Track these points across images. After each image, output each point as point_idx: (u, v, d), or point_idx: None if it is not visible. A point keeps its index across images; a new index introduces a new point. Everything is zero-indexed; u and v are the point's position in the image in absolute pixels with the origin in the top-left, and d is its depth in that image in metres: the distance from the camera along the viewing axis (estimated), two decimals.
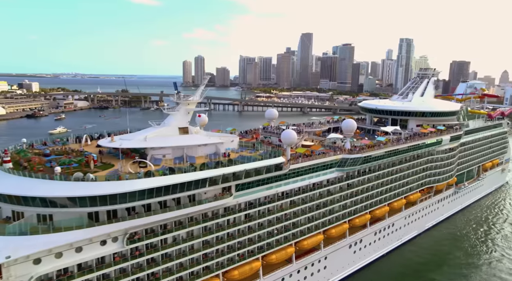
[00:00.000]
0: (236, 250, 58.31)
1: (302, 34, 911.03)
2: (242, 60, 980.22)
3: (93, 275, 44.44)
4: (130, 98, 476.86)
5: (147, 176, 46.56)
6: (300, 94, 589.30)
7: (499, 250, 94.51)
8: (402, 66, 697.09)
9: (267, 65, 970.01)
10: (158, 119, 65.18)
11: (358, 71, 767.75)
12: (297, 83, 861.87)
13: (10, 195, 42.75)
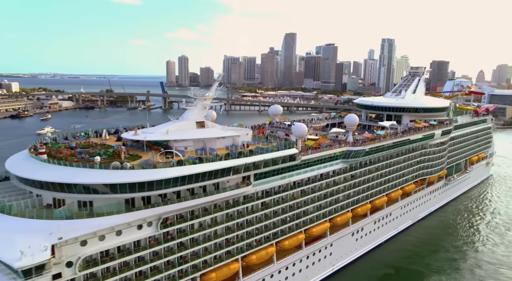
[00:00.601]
0: (254, 236, 62.22)
1: (286, 34, 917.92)
2: (227, 60, 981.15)
3: (131, 257, 47.76)
4: (116, 98, 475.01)
5: (179, 165, 50.11)
6: (286, 94, 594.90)
7: (485, 237, 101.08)
8: (384, 65, 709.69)
9: (251, 65, 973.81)
10: (145, 118, 67.69)
11: (342, 70, 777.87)
12: (281, 83, 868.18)
13: (54, 183, 45.77)
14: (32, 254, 37.88)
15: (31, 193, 50.23)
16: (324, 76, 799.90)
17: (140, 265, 48.70)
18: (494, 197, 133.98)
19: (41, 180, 45.87)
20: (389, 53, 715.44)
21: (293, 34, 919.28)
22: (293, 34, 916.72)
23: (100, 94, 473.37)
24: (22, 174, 47.86)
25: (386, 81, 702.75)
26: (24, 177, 47.48)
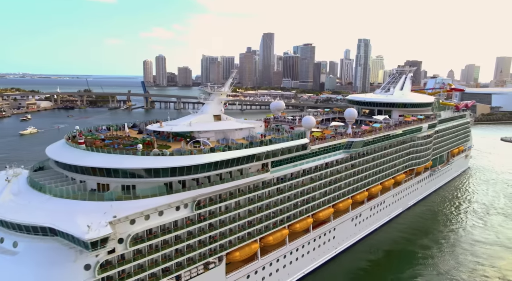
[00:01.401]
0: (270, 218, 67.92)
1: (264, 34, 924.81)
2: (205, 60, 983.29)
3: (170, 236, 52.68)
4: (96, 98, 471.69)
5: (211, 152, 55.41)
6: (265, 93, 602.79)
7: (467, 220, 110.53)
8: (361, 65, 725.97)
9: (229, 64, 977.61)
10: (128, 118, 71.91)
11: (319, 70, 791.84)
12: (259, 82, 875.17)
13: (101, 168, 50.40)
14: (97, 229, 42.49)
15: (74, 179, 54.45)
16: (302, 75, 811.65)
17: (177, 243, 53.63)
18: (473, 186, 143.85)
19: (90, 166, 50.37)
20: (365, 53, 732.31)
21: (271, 34, 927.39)
22: (271, 34, 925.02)
23: (79, 94, 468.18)
24: (70, 161, 52.06)
25: (362, 80, 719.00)
26: (71, 163, 51.72)
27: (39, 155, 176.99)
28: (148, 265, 50.69)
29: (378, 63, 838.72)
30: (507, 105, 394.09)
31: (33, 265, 44.22)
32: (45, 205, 47.89)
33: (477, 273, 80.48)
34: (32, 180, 53.84)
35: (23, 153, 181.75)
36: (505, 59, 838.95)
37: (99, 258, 45.36)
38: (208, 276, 58.35)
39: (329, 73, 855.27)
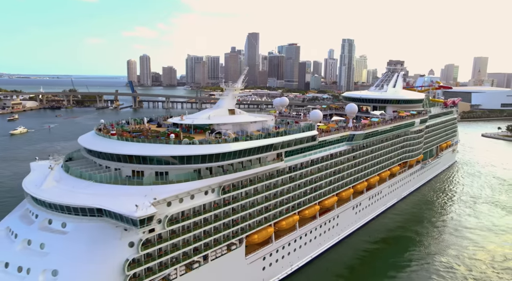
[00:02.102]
0: (284, 204, 73.22)
1: (249, 33, 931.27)
2: (190, 59, 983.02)
3: (200, 218, 57.46)
4: (82, 97, 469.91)
5: (235, 141, 60.47)
6: (252, 92, 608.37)
7: (458, 209, 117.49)
8: (345, 64, 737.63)
9: (215, 64, 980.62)
10: (116, 117, 75.42)
11: (304, 69, 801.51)
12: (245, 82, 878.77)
13: (137, 156, 54.96)
14: (144, 208, 47.13)
15: (108, 167, 58.82)
16: (288, 75, 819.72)
17: (206, 225, 58.47)
18: (460, 179, 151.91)
19: (128, 154, 54.85)
20: (349, 53, 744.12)
21: (256, 33, 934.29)
22: (256, 34, 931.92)
23: (65, 94, 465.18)
24: (107, 150, 56.36)
25: (347, 79, 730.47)
26: (110, 152, 56.03)
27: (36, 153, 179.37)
28: (182, 244, 55.44)
29: (361, 63, 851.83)
30: (486, 103, 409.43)
31: (83, 243, 48.60)
32: (89, 190, 52.25)
33: (468, 253, 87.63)
34: (70, 168, 57.99)
35: (18, 152, 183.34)
36: (481, 59, 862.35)
37: (141, 236, 50.01)
38: (230, 256, 63.32)
39: (313, 73, 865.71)
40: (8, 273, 47.55)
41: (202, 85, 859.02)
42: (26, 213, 56.05)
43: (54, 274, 46.53)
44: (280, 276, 74.65)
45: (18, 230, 52.56)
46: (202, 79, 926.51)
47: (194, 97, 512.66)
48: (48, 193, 51.86)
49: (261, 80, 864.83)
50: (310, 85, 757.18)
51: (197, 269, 58.02)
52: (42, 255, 48.22)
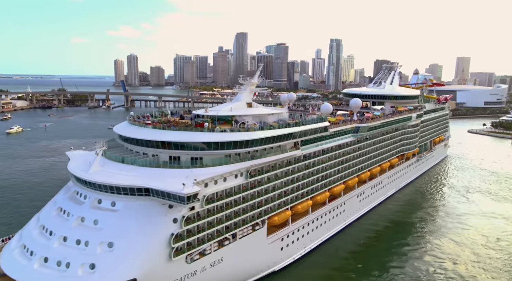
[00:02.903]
0: (299, 190, 79.34)
1: (237, 33, 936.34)
2: (178, 59, 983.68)
3: (231, 199, 63.08)
4: (73, 97, 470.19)
5: (261, 130, 66.41)
6: None
7: (452, 198, 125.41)
8: (333, 64, 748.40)
9: (203, 63, 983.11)
10: (108, 116, 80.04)
11: (293, 69, 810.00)
12: (233, 81, 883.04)
13: (176, 143, 60.53)
14: (190, 186, 52.77)
15: (146, 154, 64.20)
16: (276, 74, 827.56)
17: (235, 206, 64.17)
18: (452, 171, 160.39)
19: (168, 140, 60.38)
20: (337, 52, 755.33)
21: (244, 33, 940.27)
22: (244, 34, 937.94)
23: (56, 93, 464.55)
24: (147, 138, 61.74)
25: (335, 79, 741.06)
26: (150, 139, 61.42)
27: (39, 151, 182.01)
28: (216, 222, 61.18)
29: (349, 62, 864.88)
30: (470, 101, 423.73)
31: (133, 219, 54.06)
32: (134, 172, 57.67)
33: (464, 234, 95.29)
34: (113, 154, 63.23)
35: (20, 150, 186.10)
36: (464, 59, 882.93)
37: (183, 213, 55.64)
38: (254, 235, 69.20)
39: (301, 73, 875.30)
40: (67, 246, 52.75)
41: (191, 85, 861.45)
42: (73, 195, 61.09)
43: (110, 246, 51.92)
44: (295, 256, 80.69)
45: (70, 209, 57.71)
46: (191, 79, 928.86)
47: (185, 96, 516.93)
48: (97, 176, 57.04)
49: None
50: (298, 84, 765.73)
51: (227, 246, 63.79)
52: (97, 230, 53.53)
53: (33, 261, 52.06)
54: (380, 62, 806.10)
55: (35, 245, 54.27)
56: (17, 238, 59.39)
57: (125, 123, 71.01)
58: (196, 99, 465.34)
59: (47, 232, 56.26)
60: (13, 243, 58.11)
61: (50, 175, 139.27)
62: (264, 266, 72.98)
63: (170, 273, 55.21)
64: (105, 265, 50.40)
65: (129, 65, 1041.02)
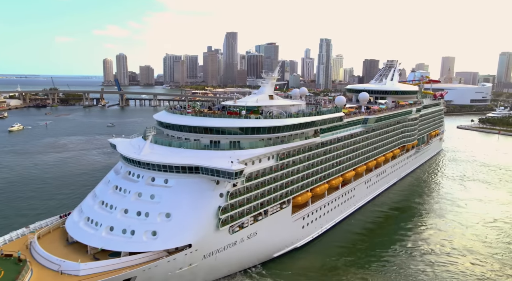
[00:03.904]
0: (318, 173, 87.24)
1: (227, 33, 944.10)
2: (168, 58, 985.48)
3: (264, 178, 70.40)
4: (67, 96, 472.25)
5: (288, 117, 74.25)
6: (234, 90, 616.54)
7: (449, 185, 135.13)
8: (323, 63, 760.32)
9: (193, 63, 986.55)
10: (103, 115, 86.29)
11: (283, 68, 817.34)
12: (223, 81, 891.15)
13: (218, 128, 67.93)
14: (237, 164, 60.27)
15: (188, 139, 71.31)
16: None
17: (267, 185, 71.70)
18: (447, 163, 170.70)
19: (211, 126, 67.78)
20: (327, 52, 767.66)
21: (234, 33, 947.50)
22: (234, 33, 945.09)
23: (48, 92, 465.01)
24: (192, 124, 69.01)
25: (325, 78, 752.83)
26: (193, 125, 68.62)
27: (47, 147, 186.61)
28: (252, 198, 68.73)
29: (338, 62, 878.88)
30: (457, 99, 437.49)
31: (185, 194, 61.37)
32: (184, 154, 64.91)
33: (463, 216, 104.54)
34: (159, 139, 70.31)
35: (27, 146, 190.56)
36: (449, 58, 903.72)
37: (228, 189, 63.14)
38: (282, 213, 76.94)
39: (290, 72, 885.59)
40: (129, 217, 59.83)
41: (181, 84, 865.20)
42: (126, 175, 67.97)
43: (167, 216, 59.20)
44: (314, 235, 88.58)
45: (127, 186, 64.69)
46: (181, 78, 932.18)
47: (178, 95, 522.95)
48: (150, 157, 64.19)
49: (240, 79, 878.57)
50: (289, 83, 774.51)
51: (261, 221, 71.42)
52: (155, 203, 60.74)
53: (100, 230, 59.03)
54: (368, 62, 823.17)
55: (99, 217, 61.20)
56: (76, 213, 66.17)
57: (164, 112, 78.07)
58: (190, 98, 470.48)
59: (107, 206, 63.15)
60: (74, 217, 64.92)
61: (68, 169, 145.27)
62: (288, 241, 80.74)
63: (217, 241, 62.71)
64: (165, 232, 57.67)
65: (118, 65, 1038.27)
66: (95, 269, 52.51)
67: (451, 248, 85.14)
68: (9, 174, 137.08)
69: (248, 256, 71.20)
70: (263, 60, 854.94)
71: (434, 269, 75.49)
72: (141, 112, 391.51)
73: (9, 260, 53.81)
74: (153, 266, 54.76)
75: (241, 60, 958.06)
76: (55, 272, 52.13)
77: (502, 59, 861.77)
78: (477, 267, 76.78)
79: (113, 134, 76.73)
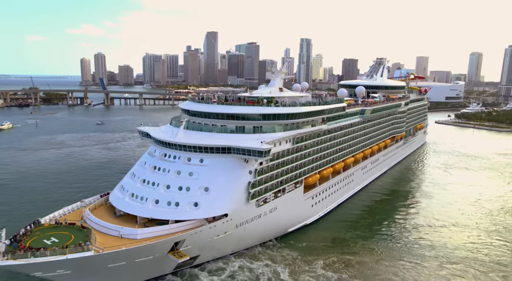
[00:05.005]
0: (324, 158, 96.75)
1: (208, 32, 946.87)
2: (148, 58, 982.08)
3: (283, 159, 79.20)
4: (48, 95, 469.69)
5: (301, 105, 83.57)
6: (217, 89, 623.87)
7: (435, 173, 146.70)
8: (304, 63, 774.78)
9: (174, 62, 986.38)
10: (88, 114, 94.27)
11: (264, 67, 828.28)
12: (204, 80, 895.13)
13: (243, 114, 76.62)
14: (266, 144, 69.12)
15: (215, 125, 79.56)
16: (248, 73, 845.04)
17: (285, 165, 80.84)
18: (431, 154, 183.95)
19: (237, 113, 76.42)
20: (307, 51, 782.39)
21: (214, 32, 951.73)
22: (215, 33, 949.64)
23: (32, 91, 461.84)
24: (219, 111, 77.47)
25: (305, 77, 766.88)
26: (220, 112, 77.15)
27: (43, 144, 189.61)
28: (274, 176, 77.72)
29: (318, 61, 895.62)
30: (433, 97, 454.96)
31: (220, 171, 69.86)
32: (215, 137, 73.38)
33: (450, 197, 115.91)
34: (191, 124, 78.47)
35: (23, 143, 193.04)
36: (423, 58, 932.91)
37: (256, 167, 71.99)
38: (296, 192, 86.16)
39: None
40: (172, 192, 67.89)
41: (162, 84, 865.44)
42: (162, 157, 75.79)
43: (206, 190, 67.60)
44: (320, 213, 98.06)
45: (166, 166, 72.60)
46: (162, 78, 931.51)
47: (163, 93, 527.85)
48: (186, 140, 72.38)
49: (221, 78, 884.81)
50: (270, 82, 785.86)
51: (280, 198, 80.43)
52: (194, 179, 68.99)
53: (146, 203, 66.93)
54: (347, 61, 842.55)
55: (144, 193, 69.06)
56: (118, 191, 73.74)
57: (189, 102, 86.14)
58: (175, 97, 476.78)
59: (149, 184, 70.99)
60: (118, 195, 72.54)
61: (72, 162, 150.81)
62: (300, 218, 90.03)
63: (247, 212, 71.48)
64: (205, 203, 66.08)
65: (96, 64, 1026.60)
66: (149, 234, 60.62)
67: (439, 221, 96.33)
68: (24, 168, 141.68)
69: (269, 229, 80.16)
70: (244, 59, 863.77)
71: (426, 238, 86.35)
72: (128, 110, 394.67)
73: (73, 227, 61.35)
74: (199, 231, 63.15)
75: (222, 59, 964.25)
76: (115, 237, 59.97)
77: (472, 59, 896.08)
78: (462, 234, 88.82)
79: (115, 130, 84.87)
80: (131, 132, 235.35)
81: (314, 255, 77.01)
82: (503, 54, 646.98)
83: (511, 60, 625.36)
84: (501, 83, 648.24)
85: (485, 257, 77.67)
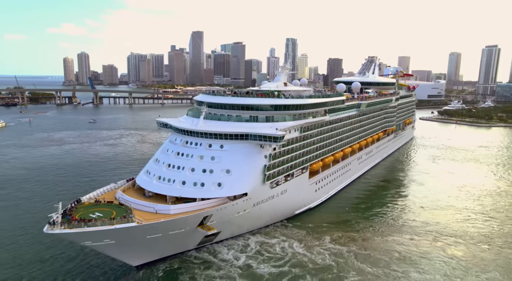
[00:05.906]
0: (326, 147, 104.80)
1: (193, 32, 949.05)
2: (133, 57, 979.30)
3: (292, 146, 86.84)
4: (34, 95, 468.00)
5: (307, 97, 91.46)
6: (204, 89, 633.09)
7: (424, 163, 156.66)
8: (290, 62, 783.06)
9: (159, 62, 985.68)
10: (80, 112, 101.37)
11: (251, 67, 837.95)
12: (190, 80, 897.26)
13: (257, 105, 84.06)
14: (280, 131, 76.78)
15: (230, 115, 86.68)
16: (234, 72, 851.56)
17: (294, 151, 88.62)
18: (419, 147, 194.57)
19: (251, 103, 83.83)
20: (293, 51, 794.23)
21: (200, 32, 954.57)
22: (201, 32, 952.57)
23: (21, 90, 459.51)
24: (234, 102, 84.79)
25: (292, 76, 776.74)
26: (236, 103, 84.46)
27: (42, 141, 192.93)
28: (285, 161, 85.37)
29: (303, 61, 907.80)
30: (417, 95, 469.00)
31: (240, 155, 77.14)
32: (233, 125, 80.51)
33: (439, 184, 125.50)
34: (208, 115, 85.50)
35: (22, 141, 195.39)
36: (405, 58, 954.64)
37: (270, 152, 79.57)
38: (303, 177, 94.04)
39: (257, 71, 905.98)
40: (197, 174, 74.87)
41: (148, 83, 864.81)
42: (184, 144, 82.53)
43: (228, 172, 74.84)
44: (322, 198, 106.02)
45: (189, 152, 79.35)
46: (147, 77, 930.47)
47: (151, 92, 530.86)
48: (207, 128, 79.43)
49: (207, 78, 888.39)
50: (256, 82, 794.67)
51: (289, 181, 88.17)
52: (216, 163, 76.10)
53: (174, 184, 73.81)
54: (332, 61, 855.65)
55: (170, 175, 75.87)
56: (144, 175, 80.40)
57: (203, 95, 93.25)
58: (164, 96, 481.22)
59: (174, 167, 77.74)
60: (144, 178, 79.22)
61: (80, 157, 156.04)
62: (306, 201, 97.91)
63: (263, 193, 79.04)
64: (228, 183, 73.39)
65: (80, 64, 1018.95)
66: (180, 210, 67.73)
67: (431, 203, 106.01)
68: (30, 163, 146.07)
69: (281, 209, 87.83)
70: (230, 59, 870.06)
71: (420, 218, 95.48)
72: (118, 109, 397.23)
73: (112, 205, 68.04)
74: (224, 207, 70.57)
75: (207, 59, 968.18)
76: (151, 213, 66.91)
77: (452, 58, 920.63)
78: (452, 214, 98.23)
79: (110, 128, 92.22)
80: (127, 130, 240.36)
81: (321, 233, 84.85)
82: (480, 54, 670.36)
83: (488, 60, 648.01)
84: (479, 82, 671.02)
85: (474, 230, 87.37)
